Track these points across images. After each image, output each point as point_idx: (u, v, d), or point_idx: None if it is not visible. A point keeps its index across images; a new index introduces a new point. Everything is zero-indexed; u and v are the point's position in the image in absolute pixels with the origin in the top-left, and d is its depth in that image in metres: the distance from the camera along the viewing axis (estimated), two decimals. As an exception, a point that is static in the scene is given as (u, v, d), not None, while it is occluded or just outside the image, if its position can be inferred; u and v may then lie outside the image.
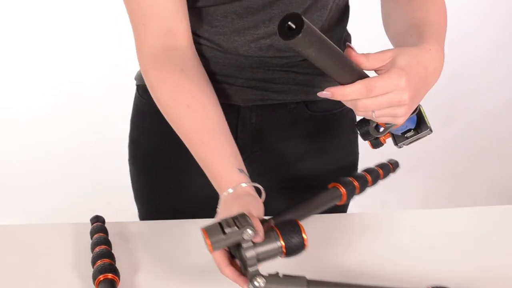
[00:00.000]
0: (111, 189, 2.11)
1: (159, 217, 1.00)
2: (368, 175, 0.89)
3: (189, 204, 1.04)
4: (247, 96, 0.94)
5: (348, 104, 0.71)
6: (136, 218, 1.13)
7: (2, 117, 2.61)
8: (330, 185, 0.85)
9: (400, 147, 0.85)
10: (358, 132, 0.82)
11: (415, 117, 0.83)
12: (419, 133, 0.83)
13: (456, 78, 2.25)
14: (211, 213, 0.80)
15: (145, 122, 1.04)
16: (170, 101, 0.80)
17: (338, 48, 0.66)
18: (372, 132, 0.80)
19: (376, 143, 0.85)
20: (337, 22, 0.94)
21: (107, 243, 0.82)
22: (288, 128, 0.99)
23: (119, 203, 1.41)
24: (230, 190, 0.73)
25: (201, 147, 0.78)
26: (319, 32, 0.61)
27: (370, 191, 0.92)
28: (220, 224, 0.65)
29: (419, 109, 0.82)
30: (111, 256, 0.79)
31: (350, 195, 0.85)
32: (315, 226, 0.82)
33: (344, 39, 0.98)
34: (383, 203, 2.56)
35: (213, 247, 0.64)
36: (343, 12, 0.96)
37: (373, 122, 0.79)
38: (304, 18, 0.58)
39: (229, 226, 0.64)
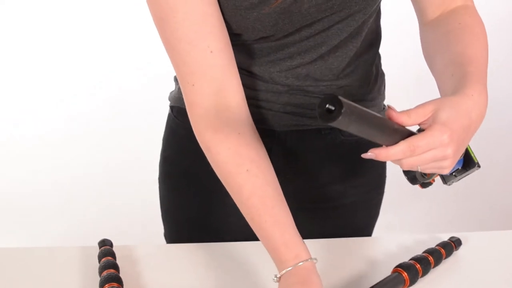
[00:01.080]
0: (119, 213, 2.15)
1: (188, 237, 1.03)
2: (430, 256, 0.87)
3: (219, 224, 1.06)
4: (283, 121, 0.96)
5: (393, 162, 0.72)
6: (144, 241, 1.16)
7: (10, 141, 2.69)
8: (392, 270, 0.84)
9: (449, 185, 0.86)
10: (406, 177, 0.83)
11: (462, 157, 0.84)
12: (467, 171, 0.83)
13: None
14: (238, 235, 0.94)
15: (180, 142, 1.06)
16: (230, 166, 0.80)
17: (378, 115, 0.67)
18: (420, 178, 0.81)
19: (425, 184, 0.86)
20: (370, 44, 0.97)
21: (115, 266, 0.84)
22: (321, 152, 1.01)
23: (127, 226, 1.34)
24: (289, 268, 0.74)
25: (263, 214, 0.79)
26: (359, 107, 0.63)
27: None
28: None
29: (466, 149, 0.83)
30: (119, 280, 0.80)
31: (413, 279, 0.83)
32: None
33: (376, 60, 1.01)
34: (388, 226, 2.61)
35: None
36: (376, 34, 0.99)
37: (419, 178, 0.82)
38: (342, 100, 0.59)
39: None
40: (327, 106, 0.60)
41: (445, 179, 0.86)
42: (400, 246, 0.96)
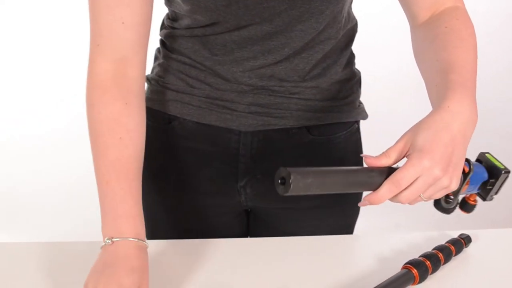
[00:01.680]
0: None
1: (165, 235, 1.03)
2: (440, 253, 0.87)
3: (192, 223, 1.07)
4: (248, 122, 0.96)
5: (392, 200, 0.73)
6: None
7: (14, 139, 2.72)
8: (402, 267, 0.84)
9: (490, 200, 0.86)
10: (440, 211, 0.83)
11: (482, 168, 0.84)
12: (497, 179, 0.83)
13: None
14: (215, 233, 0.98)
15: (148, 145, 1.08)
16: (106, 128, 0.82)
17: (342, 168, 0.72)
18: (446, 205, 0.81)
19: (468, 208, 0.87)
20: (340, 48, 0.98)
21: None
22: (290, 152, 1.01)
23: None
24: (122, 239, 0.77)
25: (123, 182, 0.80)
26: (315, 169, 0.69)
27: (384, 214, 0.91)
28: None
29: (486, 157, 0.84)
30: None
31: (423, 276, 0.83)
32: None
33: (347, 61, 1.01)
34: (396, 225, 2.58)
35: None
36: (349, 36, 0.99)
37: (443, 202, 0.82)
38: (291, 170, 0.65)
39: None
40: (279, 180, 0.66)
41: (482, 195, 0.86)
42: (410, 243, 0.96)
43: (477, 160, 0.85)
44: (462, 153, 0.73)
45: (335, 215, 1.09)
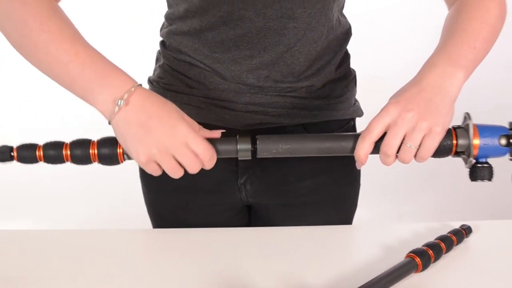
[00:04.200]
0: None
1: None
2: (442, 243, 0.89)
3: (195, 220, 1.10)
4: (246, 121, 0.99)
5: (382, 159, 0.79)
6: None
7: (42, 128, 2.69)
8: (406, 256, 0.86)
9: None
10: (480, 180, 0.84)
11: (500, 127, 0.84)
12: None
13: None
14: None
15: None
16: (51, 12, 0.79)
17: (315, 134, 0.84)
18: (468, 166, 0.84)
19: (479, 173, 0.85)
20: (334, 50, 1.01)
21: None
22: None
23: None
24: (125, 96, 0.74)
25: (84, 48, 0.78)
26: (285, 135, 0.83)
27: (388, 204, 0.94)
28: None
29: None
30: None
31: (426, 264, 0.85)
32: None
33: (341, 61, 1.04)
34: (399, 216, 2.64)
35: None
36: (343, 39, 1.03)
37: (466, 163, 0.84)
38: (258, 136, 0.81)
39: None
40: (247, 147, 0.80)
41: None
42: (413, 233, 0.98)
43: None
44: (442, 102, 0.76)
45: (333, 210, 1.12)
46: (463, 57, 0.80)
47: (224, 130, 0.81)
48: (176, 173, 0.77)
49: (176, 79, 1.00)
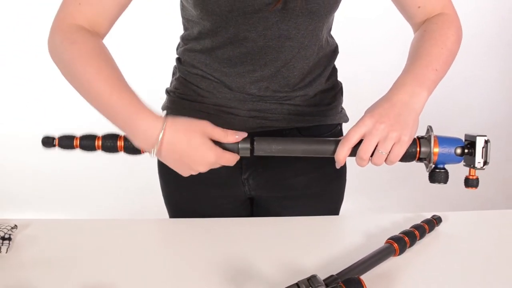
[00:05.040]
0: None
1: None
2: (416, 231, 0.97)
3: (206, 209, 1.18)
4: (249, 125, 1.08)
5: (358, 162, 0.87)
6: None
7: (70, 120, 2.71)
8: (385, 242, 0.93)
9: (480, 167, 0.90)
10: (437, 183, 0.91)
11: (454, 138, 0.91)
12: (475, 145, 0.90)
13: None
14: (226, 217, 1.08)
15: None
16: (95, 54, 0.88)
17: (303, 138, 0.93)
18: (428, 170, 0.91)
19: (470, 183, 0.92)
20: (323, 65, 1.09)
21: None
22: None
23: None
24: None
25: (117, 91, 0.86)
26: (279, 138, 0.92)
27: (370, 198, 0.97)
28: (297, 285, 0.73)
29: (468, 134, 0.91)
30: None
31: (402, 249, 0.92)
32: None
33: (330, 74, 1.13)
34: (380, 208, 2.78)
35: None
36: (331, 56, 1.11)
37: (427, 168, 0.91)
38: (254, 139, 0.90)
39: (306, 287, 0.72)
40: (247, 146, 0.89)
41: (470, 164, 0.91)
42: (392, 222, 1.05)
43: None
44: (409, 116, 0.86)
45: (323, 201, 1.21)
46: (427, 78, 0.89)
47: (247, 134, 0.92)
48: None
49: (190, 90, 1.10)
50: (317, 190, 1.18)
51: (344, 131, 1.18)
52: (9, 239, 0.96)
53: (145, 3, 2.12)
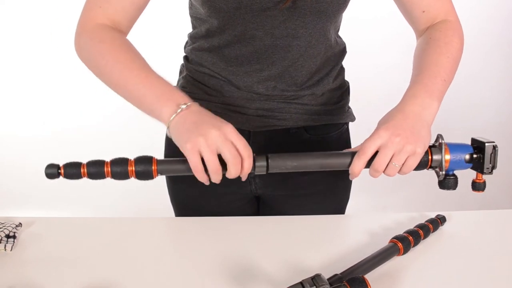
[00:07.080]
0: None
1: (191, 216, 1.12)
2: (421, 230, 0.97)
3: (213, 207, 1.19)
4: (256, 123, 1.09)
5: (372, 173, 0.87)
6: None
7: (83, 126, 2.74)
8: (389, 241, 0.94)
9: (489, 172, 0.91)
10: (447, 189, 0.92)
11: (464, 145, 0.92)
12: (484, 151, 0.90)
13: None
14: (231, 216, 1.07)
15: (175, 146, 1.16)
16: (125, 48, 0.92)
17: (317, 153, 0.87)
18: (440, 179, 0.91)
19: (477, 186, 0.93)
20: (331, 65, 1.10)
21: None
22: (290, 148, 1.12)
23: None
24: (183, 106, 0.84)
25: (151, 73, 0.89)
26: (293, 154, 0.86)
27: (374, 197, 0.97)
28: (302, 284, 0.73)
29: (475, 138, 0.92)
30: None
31: (406, 248, 0.93)
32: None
33: (337, 74, 1.13)
34: (384, 207, 2.79)
35: None
36: (339, 56, 1.11)
37: (438, 175, 0.91)
38: (268, 155, 0.85)
39: (310, 286, 0.72)
40: (263, 164, 0.85)
41: (479, 169, 0.92)
42: (395, 221, 1.06)
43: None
44: (422, 128, 0.86)
45: (328, 200, 1.21)
46: (437, 89, 0.90)
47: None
48: (214, 166, 0.81)
49: (197, 88, 1.11)
50: (323, 188, 1.19)
51: (351, 130, 1.21)
52: (14, 237, 0.97)
53: (153, 2, 2.15)
